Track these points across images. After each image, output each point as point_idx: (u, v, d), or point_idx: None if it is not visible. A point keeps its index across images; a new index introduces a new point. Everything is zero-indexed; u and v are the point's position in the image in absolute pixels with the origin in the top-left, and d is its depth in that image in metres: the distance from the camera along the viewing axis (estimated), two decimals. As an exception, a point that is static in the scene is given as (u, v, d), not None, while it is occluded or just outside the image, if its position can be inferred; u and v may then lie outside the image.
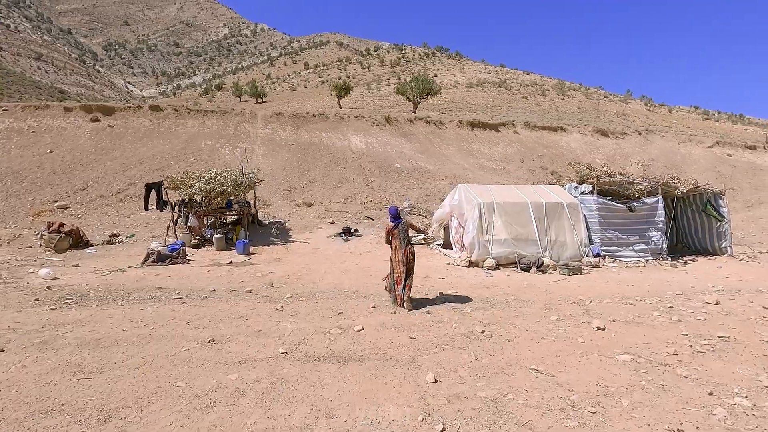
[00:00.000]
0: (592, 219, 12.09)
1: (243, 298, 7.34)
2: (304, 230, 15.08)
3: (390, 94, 65.90)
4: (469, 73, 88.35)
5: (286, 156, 22.86)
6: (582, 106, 65.46)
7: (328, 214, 17.14)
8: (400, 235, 6.99)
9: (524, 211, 11.58)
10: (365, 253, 12.27)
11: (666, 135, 34.08)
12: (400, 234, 7.00)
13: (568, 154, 30.45)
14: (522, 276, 10.02)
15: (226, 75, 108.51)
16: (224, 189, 12.32)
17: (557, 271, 10.66)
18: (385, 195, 20.14)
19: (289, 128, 25.81)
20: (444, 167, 24.85)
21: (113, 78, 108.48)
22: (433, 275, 9.79)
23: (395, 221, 7.08)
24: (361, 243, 13.49)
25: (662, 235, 12.55)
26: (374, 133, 27.32)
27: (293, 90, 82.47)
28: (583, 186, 12.59)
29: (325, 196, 19.35)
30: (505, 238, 11.08)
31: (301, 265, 10.61)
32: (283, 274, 9.58)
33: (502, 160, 28.30)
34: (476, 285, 8.85)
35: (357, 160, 23.74)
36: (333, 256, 11.87)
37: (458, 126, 30.95)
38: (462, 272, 10.22)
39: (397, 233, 7.01)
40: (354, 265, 10.75)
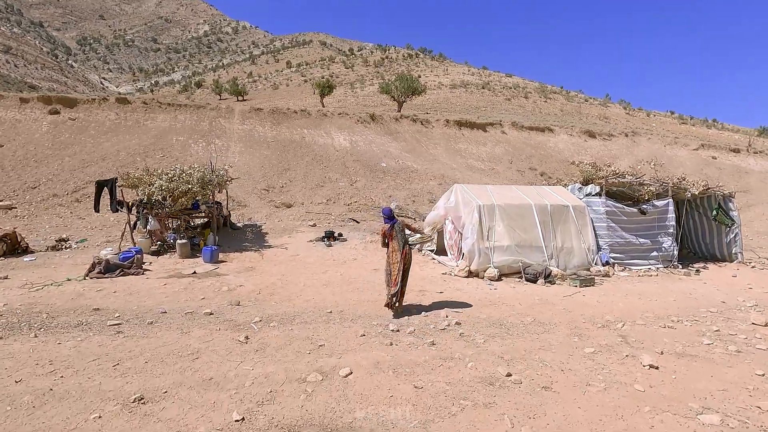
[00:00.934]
0: (599, 223, 10.90)
1: (199, 324, 5.81)
2: (282, 234, 13.52)
3: (374, 93, 64.43)
4: (453, 74, 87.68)
5: (264, 153, 21.21)
6: (564, 109, 65.27)
7: (309, 216, 15.61)
8: (397, 236, 6.48)
9: (528, 215, 10.30)
10: (350, 261, 10.81)
11: (652, 137, 33.58)
12: (397, 234, 6.49)
13: (556, 155, 29.57)
14: (529, 288, 8.72)
15: (206, 73, 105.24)
16: (190, 188, 10.69)
17: (567, 281, 9.41)
18: (371, 196, 18.70)
19: (268, 124, 24.13)
20: (432, 167, 23.55)
21: (87, 73, 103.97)
22: (430, 288, 8.40)
23: (390, 222, 6.59)
24: (346, 249, 12.03)
25: (673, 241, 11.46)
26: (359, 131, 25.85)
27: (275, 88, 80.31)
28: (589, 187, 11.39)
29: (306, 197, 17.80)
30: (508, 245, 9.77)
31: (277, 275, 9.09)
32: (254, 287, 8.05)
33: (491, 161, 27.19)
34: (482, 301, 7.50)
35: (341, 158, 22.25)
36: (314, 264, 10.37)
37: (445, 125, 29.74)
38: (461, 284, 8.86)
39: (394, 234, 6.50)
40: (338, 275, 9.28)
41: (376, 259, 11.23)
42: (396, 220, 6.66)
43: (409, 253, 6.55)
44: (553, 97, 77.13)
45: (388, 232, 6.56)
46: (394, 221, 6.62)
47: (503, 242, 9.76)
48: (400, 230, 6.56)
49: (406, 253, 6.46)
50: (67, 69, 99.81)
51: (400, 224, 6.64)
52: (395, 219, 6.68)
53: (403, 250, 6.44)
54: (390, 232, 6.55)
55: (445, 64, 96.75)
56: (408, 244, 6.60)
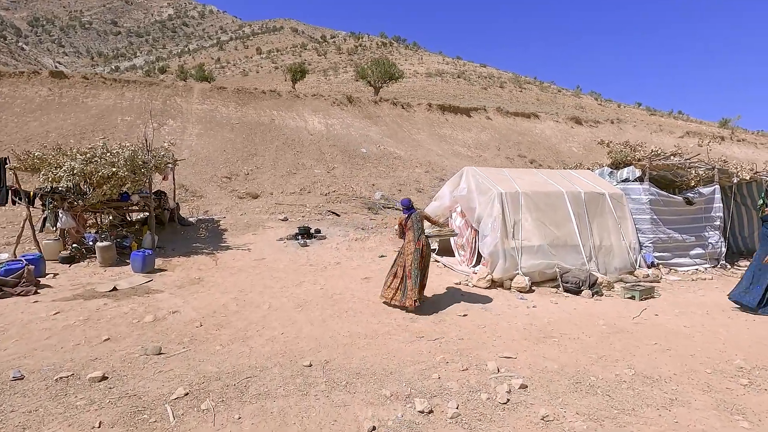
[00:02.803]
0: (641, 215, 8.72)
1: (67, 409, 3.15)
2: (245, 230, 10.78)
3: (348, 81, 61.36)
4: (428, 63, 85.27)
5: (227, 137, 18.19)
6: (540, 98, 64.05)
7: (279, 209, 12.88)
8: (414, 227, 6.04)
9: (560, 205, 7.99)
10: (332, 267, 8.24)
11: (637, 124, 32.22)
12: (414, 225, 6.05)
13: (543, 142, 27.67)
14: (577, 304, 6.41)
15: (171, 58, 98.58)
16: (115, 171, 7.82)
17: (616, 291, 7.17)
18: (351, 184, 16.08)
19: (232, 105, 21.03)
20: (416, 153, 21.10)
21: (41, 57, 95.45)
22: (447, 307, 5.97)
23: (408, 212, 6.19)
24: (326, 249, 9.44)
25: (720, 236, 9.44)
26: (335, 113, 23.07)
27: (245, 75, 75.86)
28: (625, 171, 9.18)
29: (275, 186, 15.01)
30: (539, 245, 7.43)
31: (232, 292, 6.45)
32: (194, 314, 5.39)
33: (477, 147, 24.98)
34: (529, 331, 5.11)
35: (315, 143, 19.47)
36: (284, 272, 7.76)
37: (428, 110, 27.30)
38: (486, 300, 6.47)
39: (411, 224, 6.07)
40: (317, 289, 6.72)
41: (364, 262, 8.70)
42: (414, 211, 6.21)
43: (426, 245, 6.05)
44: (528, 87, 75.96)
45: (404, 223, 6.10)
46: (412, 211, 6.18)
47: (533, 241, 7.41)
48: (417, 221, 6.06)
49: (423, 245, 5.94)
50: (17, 52, 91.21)
51: (418, 215, 6.15)
52: (414, 209, 6.25)
53: (419, 241, 5.93)
54: (407, 222, 6.08)
55: (420, 53, 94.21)
56: (424, 234, 6.07)
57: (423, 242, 5.96)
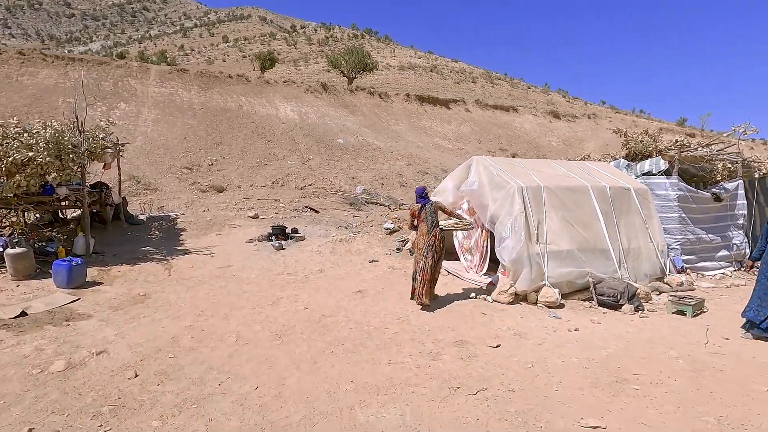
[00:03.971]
0: (668, 213, 7.64)
1: None
2: (208, 230, 9.06)
3: (320, 71, 59.17)
4: (400, 56, 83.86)
5: (189, 123, 16.14)
6: (512, 94, 63.97)
7: (248, 204, 11.17)
8: (427, 218, 5.47)
9: (585, 202, 6.76)
10: (315, 275, 6.71)
11: (612, 119, 32.04)
12: (427, 216, 5.48)
13: (523, 136, 26.86)
14: (620, 323, 5.17)
15: (131, 44, 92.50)
16: (32, 157, 5.96)
17: (656, 303, 6.01)
18: (329, 177, 14.49)
19: (195, 89, 18.89)
20: (396, 145, 19.67)
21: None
22: (471, 332, 4.60)
23: (422, 201, 5.59)
24: (305, 253, 7.87)
25: (744, 236, 8.53)
26: (309, 101, 21.28)
27: (210, 63, 72.12)
28: (647, 163, 8.08)
29: (244, 178, 13.23)
30: (568, 249, 6.16)
31: (187, 316, 4.82)
32: (127, 357, 3.77)
33: (458, 140, 23.83)
34: (590, 371, 3.80)
35: (288, 132, 17.69)
36: (256, 284, 6.17)
37: (406, 100, 25.89)
38: (512, 319, 5.14)
39: (424, 215, 5.50)
40: (300, 309, 5.18)
41: (353, 269, 7.21)
42: (428, 200, 5.69)
43: (441, 239, 5.51)
44: (499, 83, 75.89)
45: (417, 213, 5.63)
46: (426, 201, 5.67)
47: (560, 245, 6.13)
48: (432, 212, 5.58)
49: (437, 239, 5.46)
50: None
51: (433, 205, 5.65)
52: (428, 199, 5.72)
53: (433, 232, 5.48)
54: (420, 213, 5.60)
55: (392, 46, 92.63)
56: (438, 227, 5.57)
57: (437, 236, 5.47)
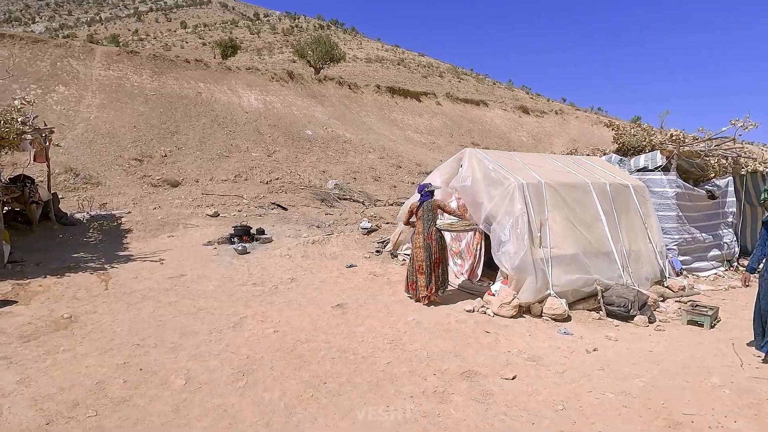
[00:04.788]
0: (665, 212, 7.16)
1: None
2: (159, 231, 7.85)
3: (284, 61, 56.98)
4: (367, 49, 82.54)
5: (140, 110, 14.52)
6: (479, 89, 64.11)
7: (207, 200, 9.95)
8: (423, 216, 5.26)
9: (587, 201, 6.13)
10: (286, 286, 5.72)
11: (579, 116, 32.41)
12: (424, 214, 5.27)
13: (494, 130, 26.57)
14: (640, 339, 4.55)
15: (79, 27, 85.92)
16: None
17: (665, 311, 5.46)
18: (297, 171, 13.40)
19: (147, 73, 17.13)
20: (368, 137, 18.74)
21: None
22: (479, 358, 3.81)
23: (423, 198, 5.37)
24: (274, 258, 6.86)
25: (733, 234, 8.24)
26: (274, 90, 19.93)
27: (167, 50, 68.03)
28: (642, 158, 7.58)
29: (202, 171, 11.92)
30: (573, 253, 5.49)
31: (122, 348, 3.76)
32: (28, 419, 2.71)
33: (430, 134, 23.17)
34: (633, 411, 3.09)
35: (252, 122, 16.36)
36: (214, 298, 5.12)
37: (376, 91, 24.94)
38: (519, 338, 4.40)
39: (421, 213, 5.29)
40: (269, 333, 4.21)
41: (330, 276, 6.28)
42: (428, 198, 5.36)
43: (437, 239, 5.22)
44: (465, 78, 76.06)
45: (416, 211, 5.38)
46: (426, 198, 5.36)
47: (565, 249, 5.45)
48: (429, 209, 5.27)
49: (432, 239, 5.16)
50: None
51: (431, 203, 5.33)
52: (428, 196, 5.39)
53: (429, 231, 5.18)
54: (417, 210, 5.34)
55: (358, 38, 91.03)
56: (435, 226, 5.26)
57: (432, 236, 5.20)
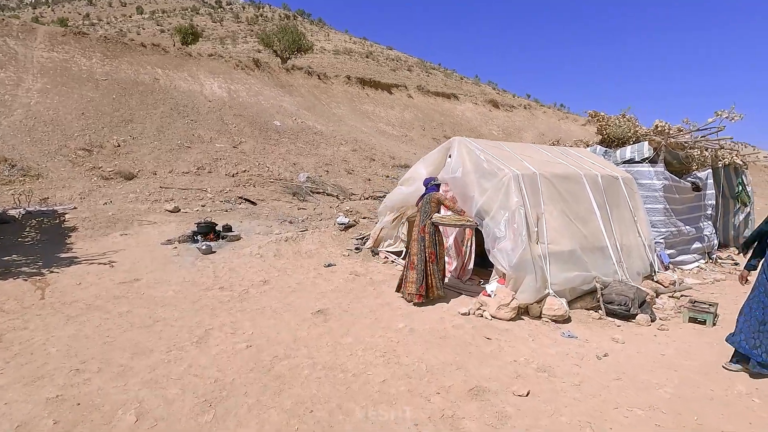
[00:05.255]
0: (653, 204, 6.98)
1: None
2: (110, 229, 6.97)
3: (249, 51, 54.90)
4: (335, 41, 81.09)
5: (89, 96, 13.21)
6: (447, 84, 64.22)
7: (166, 195, 9.06)
8: (422, 208, 5.05)
9: (581, 193, 5.81)
10: (257, 290, 5.07)
11: (547, 111, 32.84)
12: (422, 206, 5.05)
13: (465, 124, 26.42)
14: (646, 341, 4.25)
15: (23, 8, 79.52)
16: None
17: (661, 308, 5.21)
18: (266, 163, 12.58)
19: (97, 56, 15.69)
20: (339, 129, 18.04)
21: None
22: (480, 373, 3.35)
23: (427, 191, 5.19)
24: (243, 258, 6.16)
25: (712, 227, 8.23)
26: (239, 78, 18.83)
27: (122, 36, 64.08)
28: (628, 150, 7.37)
29: (161, 162, 10.92)
30: (571, 249, 5.14)
31: (55, 376, 3.04)
32: None
33: (402, 126, 22.70)
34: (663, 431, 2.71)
35: (216, 111, 15.31)
36: (174, 307, 4.41)
37: (347, 83, 24.19)
38: (522, 343, 3.98)
39: (421, 205, 5.10)
40: (240, 349, 3.59)
41: (307, 277, 5.69)
42: (431, 190, 5.15)
43: (431, 233, 4.91)
44: (433, 72, 76.11)
45: (417, 202, 5.30)
46: (429, 191, 5.15)
47: (562, 244, 5.09)
48: (427, 202, 5.02)
49: (425, 231, 4.90)
50: None
51: (430, 196, 5.05)
52: (431, 189, 5.18)
53: (423, 224, 4.94)
54: (418, 202, 5.24)
55: (326, 29, 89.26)
56: (429, 219, 4.93)
57: (425, 229, 4.94)
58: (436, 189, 5.31)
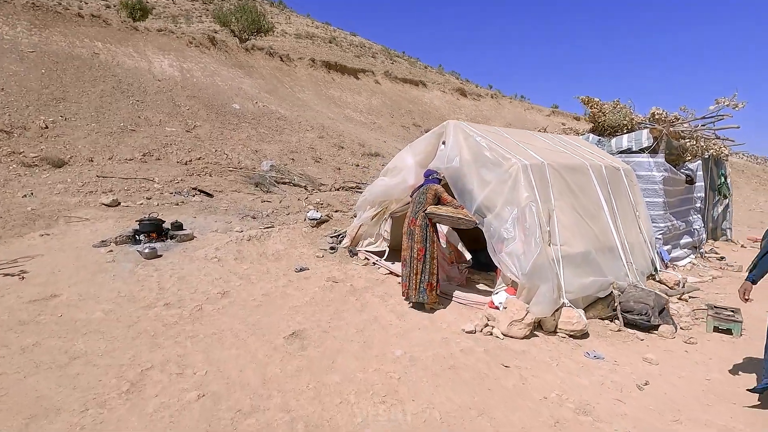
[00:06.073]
0: (653, 198, 6.50)
1: None
2: (28, 227, 5.67)
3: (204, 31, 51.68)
4: (296, 24, 77.91)
5: (11, 70, 11.32)
6: (412, 72, 63.47)
7: (104, 185, 7.71)
8: (416, 199, 4.49)
9: (588, 184, 5.16)
10: (214, 307, 4.05)
11: (513, 101, 32.77)
12: (417, 197, 4.49)
13: (434, 112, 25.77)
14: (680, 358, 3.66)
15: (-57, -25, 71.07)
16: None
17: (680, 315, 4.66)
18: (224, 150, 11.30)
19: (23, 25, 13.61)
20: (305, 114, 16.82)
21: None
22: (508, 419, 2.57)
23: (425, 182, 4.60)
24: (196, 262, 5.08)
25: (702, 219, 7.93)
26: (193, 56, 17.12)
27: (56, 4, 58.44)
28: (625, 139, 6.83)
29: (99, 148, 9.44)
30: (584, 251, 4.46)
31: None
32: None
33: (370, 113, 21.70)
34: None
35: (166, 92, 13.70)
36: (101, 336, 3.34)
37: (311, 66, 22.82)
38: (546, 369, 3.26)
39: (416, 196, 4.51)
40: (189, 400, 2.61)
41: (276, 285, 4.73)
42: (430, 182, 4.54)
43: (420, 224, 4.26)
44: (398, 60, 74.89)
45: (412, 193, 4.66)
46: (428, 182, 4.55)
47: (574, 246, 4.40)
48: (422, 193, 4.44)
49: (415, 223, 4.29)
50: None
51: (427, 188, 4.46)
52: (431, 180, 4.57)
53: (415, 217, 4.32)
54: (413, 193, 4.62)
55: (286, 12, 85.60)
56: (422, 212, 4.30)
57: (416, 222, 4.35)
58: (437, 182, 4.63)
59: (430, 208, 4.23)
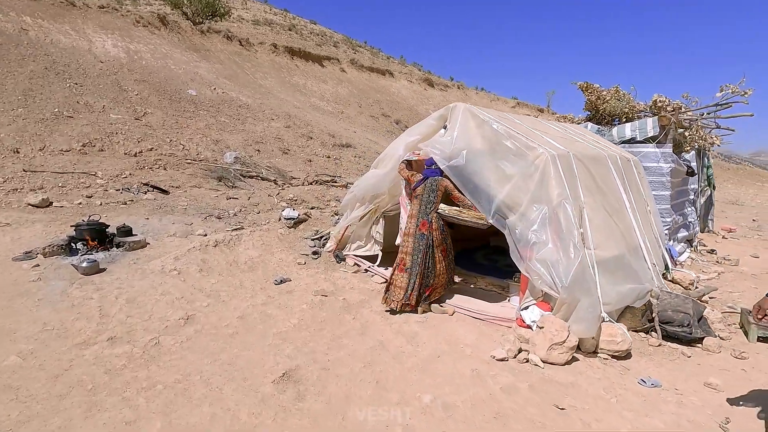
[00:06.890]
0: (660, 191, 6.08)
1: None
2: (-76, 237, 4.40)
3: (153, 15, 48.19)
4: (253, 11, 74.61)
5: None
6: (375, 63, 62.39)
7: (32, 182, 6.41)
8: (423, 196, 3.88)
9: (610, 179, 4.59)
10: (174, 341, 3.11)
11: (479, 92, 32.62)
12: (424, 194, 3.89)
13: (402, 102, 25.08)
14: (744, 382, 3.13)
15: None
16: None
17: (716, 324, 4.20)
18: (180, 140, 10.03)
19: (-69, -7, 11.58)
20: (268, 102, 15.60)
21: None
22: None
23: (427, 173, 3.96)
24: (149, 277, 4.08)
25: (695, 213, 7.68)
26: (141, 37, 15.42)
27: (-14, -15, 52.70)
28: (628, 128, 6.36)
29: (27, 137, 7.99)
30: (618, 254, 3.87)
31: None
32: None
33: (337, 102, 20.67)
34: None
35: (111, 74, 12.11)
36: (14, 392, 2.34)
37: (273, 51, 21.48)
38: (606, 408, 2.61)
39: (421, 191, 3.91)
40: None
41: (253, 305, 3.84)
42: (435, 174, 3.93)
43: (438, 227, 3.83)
44: (360, 51, 73.55)
45: (413, 188, 3.95)
46: (432, 174, 3.93)
47: (609, 249, 3.79)
48: (432, 190, 3.87)
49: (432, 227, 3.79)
50: None
51: (436, 182, 3.88)
52: (435, 172, 3.94)
53: (429, 218, 3.80)
54: (415, 188, 3.93)
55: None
56: (437, 212, 3.83)
57: (434, 225, 3.79)
58: (439, 174, 3.95)
59: (447, 209, 3.53)
